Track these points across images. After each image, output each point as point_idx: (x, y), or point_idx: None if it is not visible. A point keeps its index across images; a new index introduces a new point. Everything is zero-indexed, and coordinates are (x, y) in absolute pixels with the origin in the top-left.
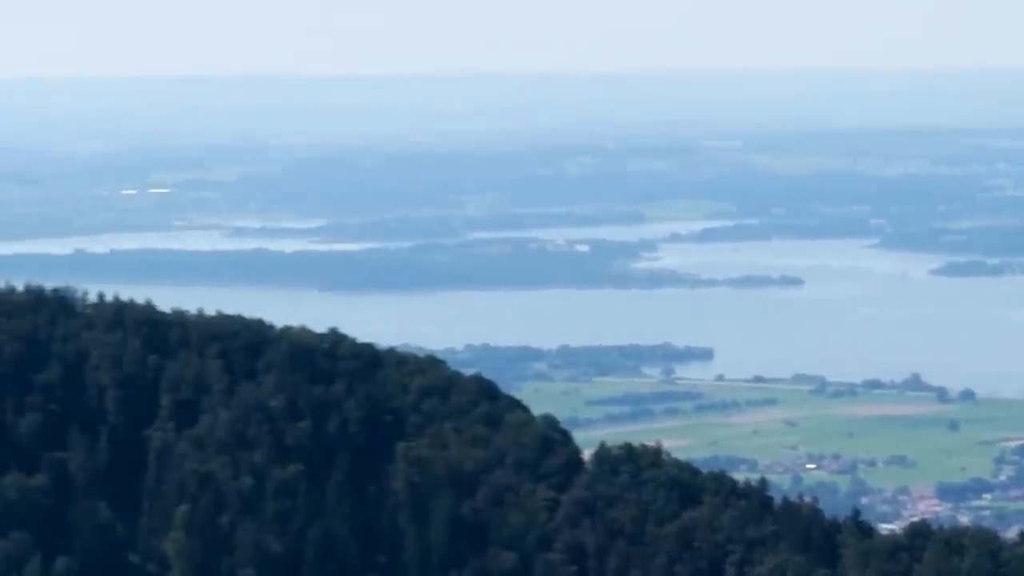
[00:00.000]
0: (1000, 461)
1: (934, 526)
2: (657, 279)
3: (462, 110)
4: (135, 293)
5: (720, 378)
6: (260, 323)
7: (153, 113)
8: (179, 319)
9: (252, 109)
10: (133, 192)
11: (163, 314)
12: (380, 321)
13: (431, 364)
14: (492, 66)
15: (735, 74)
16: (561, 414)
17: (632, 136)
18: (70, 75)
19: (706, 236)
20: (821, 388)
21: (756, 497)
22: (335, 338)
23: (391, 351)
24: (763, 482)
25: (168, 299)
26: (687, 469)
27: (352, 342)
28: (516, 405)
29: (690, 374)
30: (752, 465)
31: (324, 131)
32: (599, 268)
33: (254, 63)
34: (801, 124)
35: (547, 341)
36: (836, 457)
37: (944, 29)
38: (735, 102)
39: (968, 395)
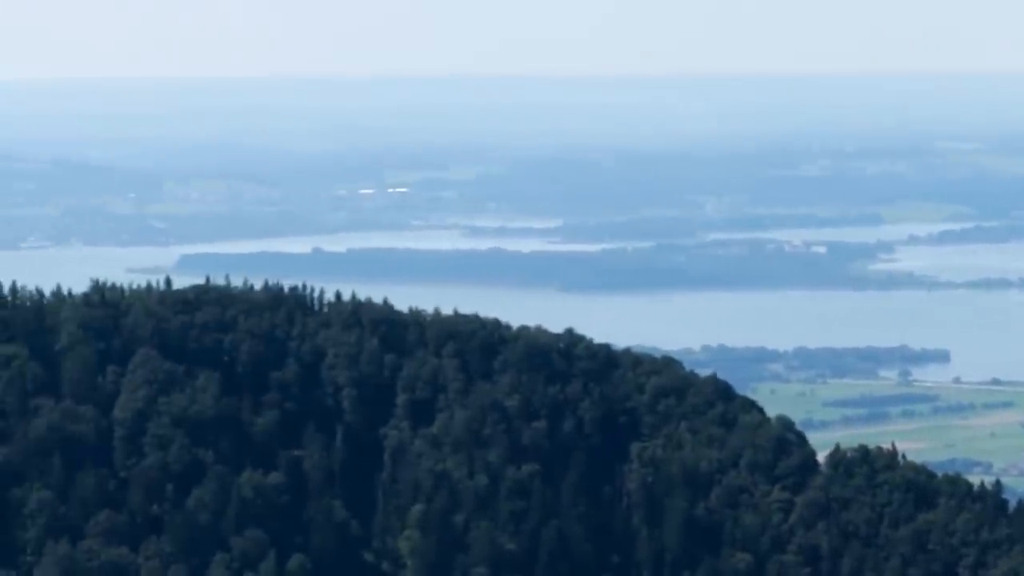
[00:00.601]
0: None
1: None
2: (894, 281)
3: (693, 110)
4: (372, 292)
5: (957, 380)
6: (496, 323)
7: (390, 113)
8: (416, 318)
9: (489, 109)
10: (371, 191)
11: (400, 313)
12: (616, 322)
13: (666, 365)
14: (723, 67)
15: (973, 76)
16: (796, 416)
17: (870, 138)
18: (305, 74)
19: (944, 238)
20: None
21: (991, 500)
22: (571, 338)
23: (627, 351)
24: (998, 485)
25: (405, 298)
26: (922, 472)
27: (588, 342)
28: (751, 406)
29: (927, 376)
30: (988, 468)
31: (557, 130)
32: (836, 269)
33: (487, 63)
34: None
35: (783, 342)
36: None
37: None
38: (975, 104)
39: None
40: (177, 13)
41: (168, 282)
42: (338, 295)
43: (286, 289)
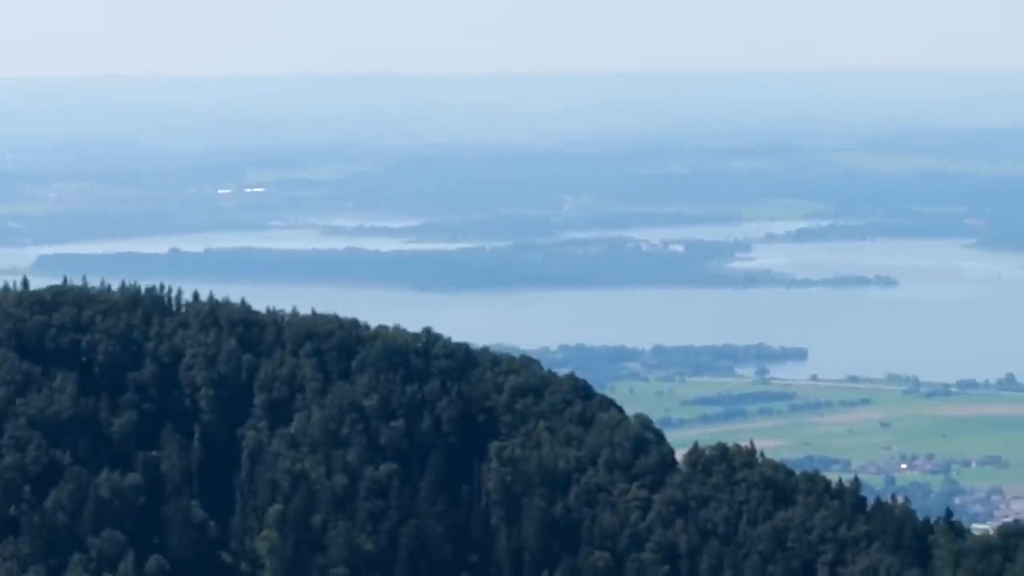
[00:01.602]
0: None
1: None
2: (752, 279)
3: (556, 109)
4: (230, 292)
5: (814, 378)
6: (354, 322)
7: (251, 112)
8: (273, 318)
9: (349, 108)
10: (228, 191)
11: (257, 313)
12: (474, 321)
13: (525, 364)
14: (586, 65)
15: (841, 74)
16: (654, 414)
17: (730, 136)
18: (168, 74)
19: (802, 236)
20: (915, 388)
21: (849, 497)
22: (429, 337)
23: (485, 351)
24: (856, 482)
25: (262, 298)
26: (780, 469)
27: (446, 341)
28: (609, 405)
29: (784, 374)
30: (845, 465)
31: (419, 130)
32: (694, 268)
33: (352, 62)
34: (899, 124)
35: (641, 341)
36: (929, 457)
37: None
38: (838, 103)
39: None
40: (40, 11)
41: (25, 283)
42: (196, 295)
43: (143, 290)
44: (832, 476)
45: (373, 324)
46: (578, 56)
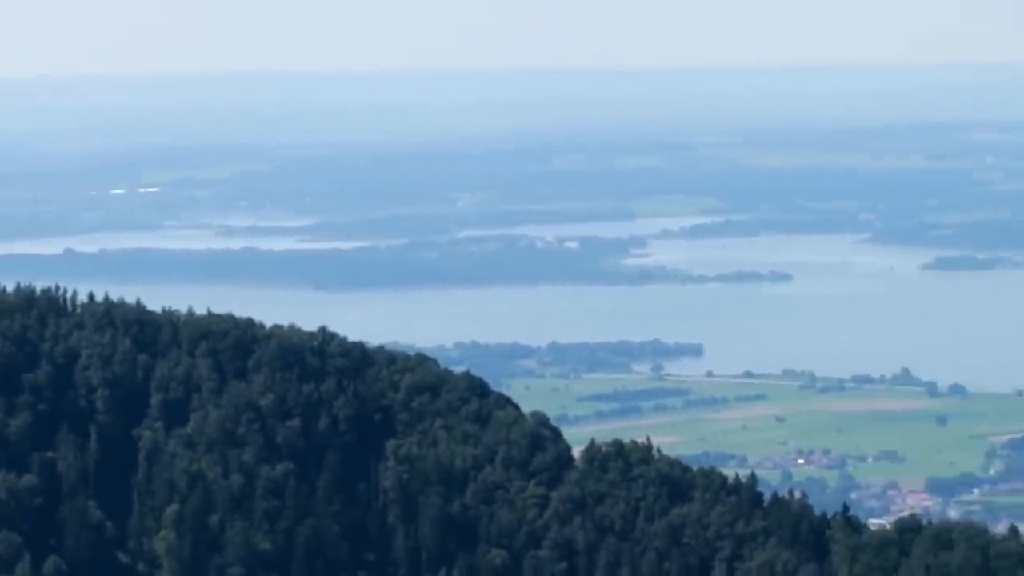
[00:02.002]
0: (990, 455)
1: (923, 521)
2: (647, 275)
3: (450, 107)
4: (125, 293)
5: (710, 374)
6: (250, 322)
7: (144, 113)
8: (169, 318)
9: (244, 108)
10: (122, 191)
11: (153, 314)
12: (370, 319)
13: (421, 362)
14: (477, 63)
15: (727, 71)
16: (551, 411)
17: (623, 133)
18: (60, 74)
19: (696, 232)
20: (810, 383)
21: (745, 493)
22: (325, 336)
23: (381, 349)
24: (753, 478)
25: (158, 298)
26: (677, 465)
27: (342, 340)
28: (506, 402)
29: (680, 370)
30: (742, 461)
31: (313, 129)
32: (589, 265)
33: (245, 61)
34: (791, 121)
35: (537, 338)
36: (826, 452)
37: (931, 25)
38: (727, 99)
39: (958, 389)
40: None
41: None
42: (91, 296)
43: (38, 291)
44: (728, 472)
45: (269, 323)
46: (472, 54)
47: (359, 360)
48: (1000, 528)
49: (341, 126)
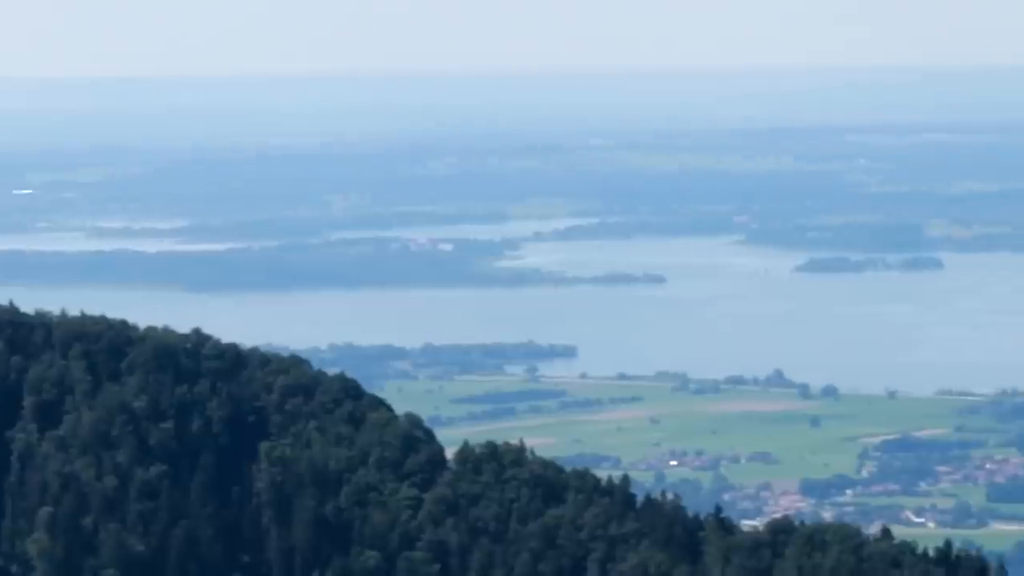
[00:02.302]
0: (862, 457)
1: (796, 522)
2: (521, 277)
3: (323, 110)
4: None
5: (584, 376)
6: (123, 324)
7: (17, 115)
8: (42, 320)
9: (117, 111)
10: None
11: (26, 315)
12: (244, 321)
13: (294, 363)
14: (350, 67)
15: (601, 75)
16: (424, 413)
17: (497, 135)
18: None
19: (570, 234)
20: (684, 385)
21: (619, 494)
22: (198, 338)
23: (254, 351)
24: (626, 479)
25: (31, 300)
26: (550, 467)
27: (215, 342)
28: (379, 404)
29: (554, 372)
30: (616, 462)
31: (187, 132)
32: (462, 267)
33: (120, 65)
34: (667, 124)
35: (411, 340)
36: (699, 454)
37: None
38: (600, 102)
39: (831, 391)
40: None
41: None
42: None
43: None
44: (602, 473)
45: (142, 325)
46: (344, 58)
47: (233, 362)
48: (873, 529)
49: (214, 129)
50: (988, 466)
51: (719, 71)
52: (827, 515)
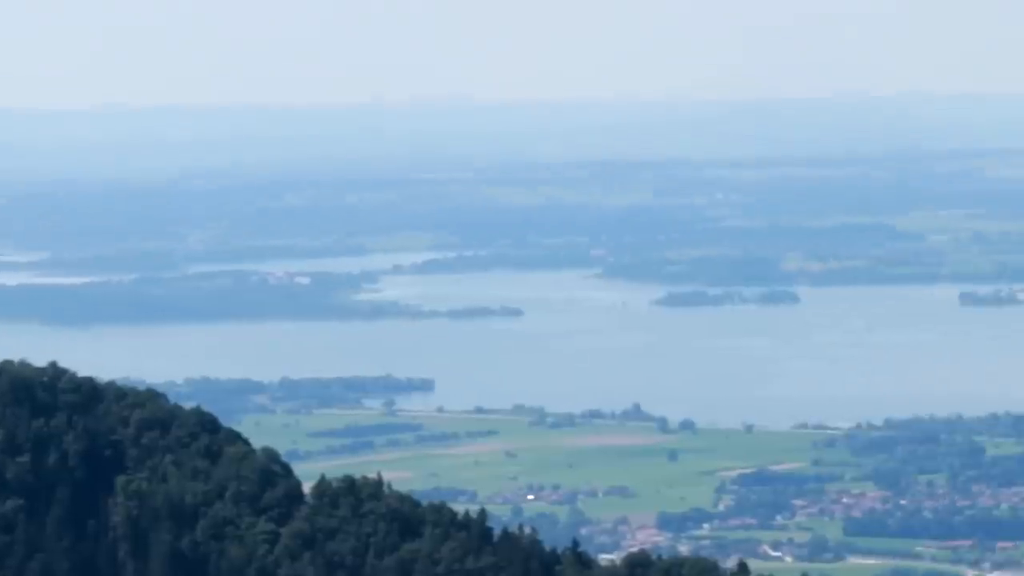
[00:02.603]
0: (720, 491)
1: (654, 556)
2: (379, 311)
3: (177, 142)
4: None
5: (441, 409)
6: None
7: None
8: None
9: None
10: None
11: None
12: (101, 354)
13: (151, 397)
14: (204, 99)
15: (457, 107)
16: (282, 447)
17: (353, 168)
18: None
19: (428, 268)
20: (541, 419)
21: (476, 528)
22: (55, 372)
23: (111, 384)
24: (483, 513)
25: None
26: (407, 501)
27: (72, 375)
28: (236, 438)
29: (411, 405)
30: (472, 496)
31: (41, 164)
32: (320, 300)
33: None
34: (523, 156)
35: (268, 374)
36: (556, 488)
37: (655, 58)
38: (459, 135)
39: (688, 425)
40: None
41: None
42: None
43: None
44: (459, 507)
45: None
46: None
47: (89, 395)
48: (730, 563)
49: (68, 161)
50: (845, 500)
51: (575, 103)
52: (684, 549)
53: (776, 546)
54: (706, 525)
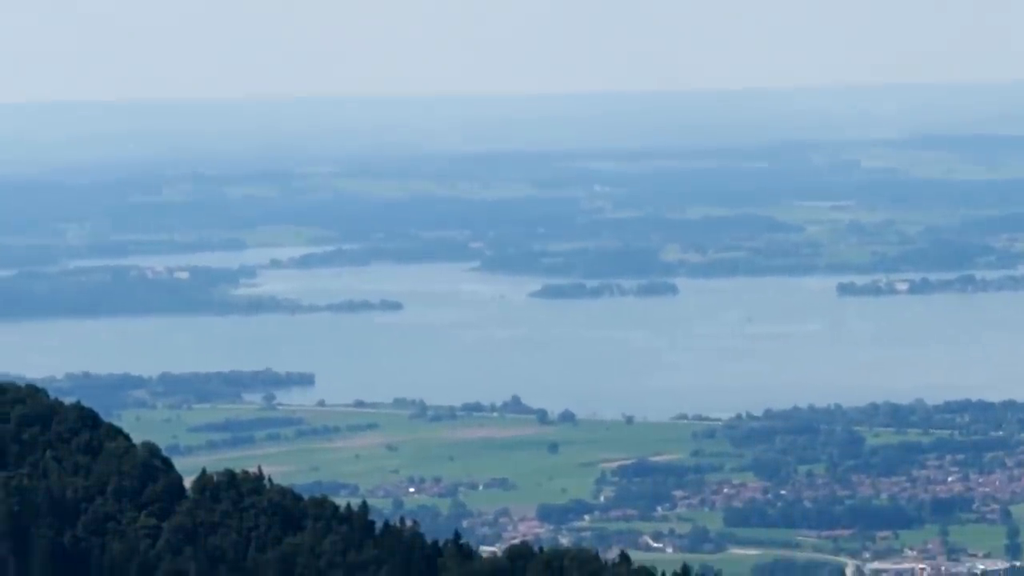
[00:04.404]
0: (600, 482)
1: (535, 548)
2: (257, 305)
3: (54, 138)
4: None
5: (322, 403)
6: None
7: None
8: None
9: None
10: None
11: None
12: None
13: (30, 393)
14: (82, 94)
15: (338, 100)
16: (162, 441)
17: (231, 163)
18: None
19: (306, 262)
20: (422, 412)
21: (358, 522)
22: None
23: None
24: (364, 506)
25: None
26: (289, 495)
27: None
28: (117, 433)
29: (292, 400)
30: (354, 490)
31: None
32: (199, 295)
33: None
34: (402, 150)
35: (148, 368)
36: (437, 480)
37: (534, 52)
38: (340, 128)
39: (568, 417)
40: None
41: None
42: None
43: None
44: (341, 501)
45: None
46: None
47: None
48: (611, 554)
49: None
50: (725, 490)
51: (452, 96)
52: (565, 540)
53: (657, 537)
54: (587, 516)
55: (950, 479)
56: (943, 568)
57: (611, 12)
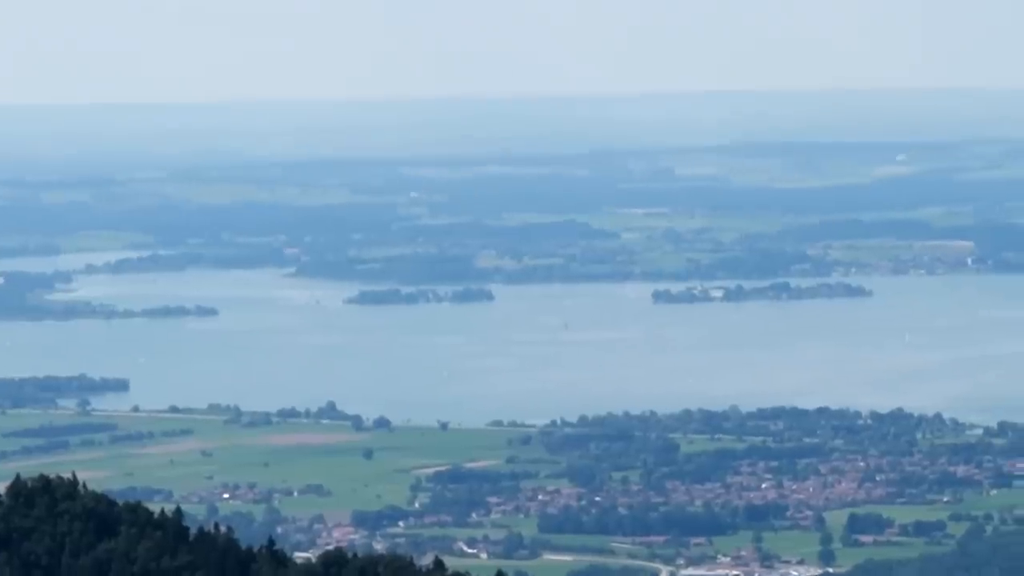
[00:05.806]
0: (415, 488)
1: (349, 554)
2: (73, 310)
3: None
4: None
5: (136, 409)
6: None
7: None
8: None
9: None
10: None
11: None
12: None
13: None
14: None
15: (156, 105)
16: None
17: (47, 168)
18: None
19: (122, 267)
20: (236, 418)
21: (172, 527)
22: None
23: None
24: (179, 512)
25: None
26: (103, 500)
27: None
28: None
29: (106, 405)
30: (168, 495)
31: None
32: (14, 300)
33: None
34: (220, 156)
35: None
36: (251, 486)
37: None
38: (163, 133)
39: (383, 423)
40: None
41: None
42: None
43: None
44: (155, 507)
45: None
46: None
47: None
48: (426, 560)
49: None
50: (540, 497)
51: (267, 103)
52: (380, 546)
53: (471, 543)
54: (401, 523)
55: (764, 486)
56: (756, 575)
57: (434, 16)
